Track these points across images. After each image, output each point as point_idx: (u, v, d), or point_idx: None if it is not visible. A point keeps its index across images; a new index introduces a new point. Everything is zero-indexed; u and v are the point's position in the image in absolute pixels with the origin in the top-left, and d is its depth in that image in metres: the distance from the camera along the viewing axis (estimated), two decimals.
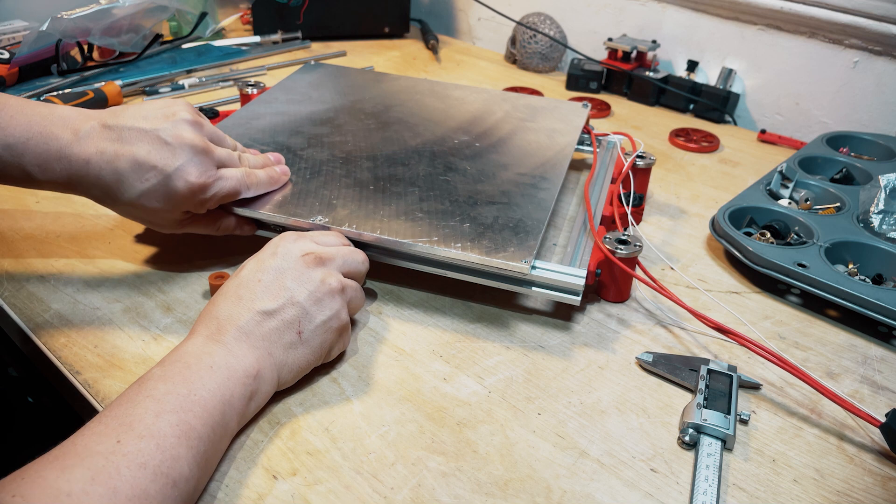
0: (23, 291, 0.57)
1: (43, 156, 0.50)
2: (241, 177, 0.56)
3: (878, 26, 0.89)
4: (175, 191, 0.52)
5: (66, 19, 0.97)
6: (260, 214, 0.57)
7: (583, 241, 0.60)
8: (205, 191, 0.53)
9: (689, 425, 0.46)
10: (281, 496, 0.41)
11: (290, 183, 0.61)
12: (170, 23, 1.19)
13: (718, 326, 0.53)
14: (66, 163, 0.51)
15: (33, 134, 0.50)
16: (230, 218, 0.58)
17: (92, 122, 0.52)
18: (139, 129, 0.51)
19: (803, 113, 1.00)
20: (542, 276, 0.54)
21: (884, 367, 0.55)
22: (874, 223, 0.67)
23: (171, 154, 0.51)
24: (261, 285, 0.47)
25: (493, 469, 0.44)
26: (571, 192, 0.78)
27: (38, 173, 0.51)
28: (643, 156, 0.71)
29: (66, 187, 0.53)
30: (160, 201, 0.52)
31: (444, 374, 0.51)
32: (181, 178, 0.51)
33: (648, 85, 1.05)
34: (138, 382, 0.41)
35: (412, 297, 0.60)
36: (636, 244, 0.57)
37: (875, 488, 0.45)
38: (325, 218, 0.56)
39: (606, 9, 1.16)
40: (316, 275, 0.48)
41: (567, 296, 0.54)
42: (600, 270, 0.57)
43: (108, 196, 0.52)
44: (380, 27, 1.29)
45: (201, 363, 0.42)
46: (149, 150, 0.51)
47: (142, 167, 0.51)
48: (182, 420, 0.39)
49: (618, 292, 0.60)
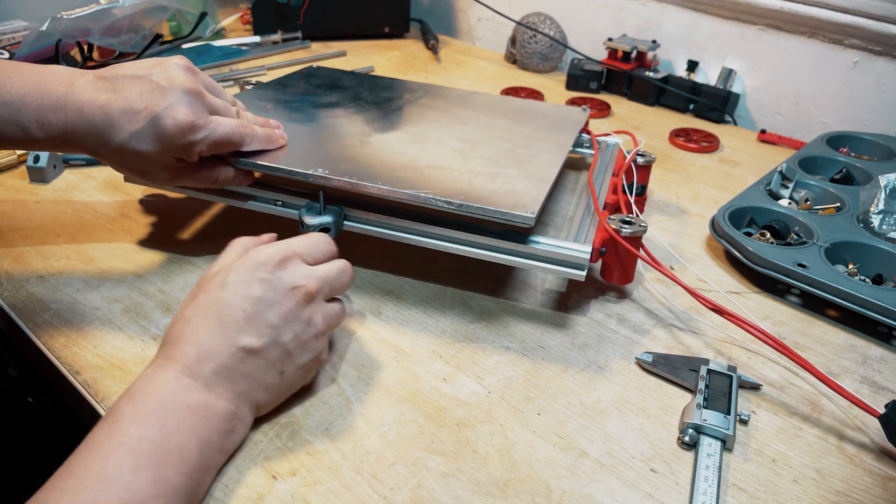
0: (23, 291, 0.57)
1: (39, 110, 0.51)
2: (236, 125, 0.55)
3: (878, 26, 0.89)
4: (164, 130, 0.51)
5: (66, 19, 0.97)
6: (260, 165, 0.56)
7: (587, 221, 0.59)
8: (194, 131, 0.52)
9: (689, 425, 0.46)
10: (280, 496, 0.41)
11: (287, 147, 0.60)
12: (170, 23, 1.19)
13: (717, 308, 0.52)
14: (62, 114, 0.51)
15: (29, 90, 0.50)
16: (228, 169, 0.57)
17: (87, 76, 0.52)
18: (132, 75, 0.52)
19: (803, 113, 1.00)
20: (545, 249, 0.53)
21: (884, 367, 0.55)
22: (874, 223, 0.67)
23: (161, 94, 0.51)
24: (244, 315, 0.43)
25: (492, 469, 0.44)
26: (571, 193, 0.78)
27: (35, 129, 0.51)
28: (643, 154, 0.71)
29: (63, 143, 0.52)
30: (149, 143, 0.51)
31: (444, 375, 0.51)
32: (170, 115, 0.50)
33: (648, 85, 1.05)
34: (108, 422, 0.38)
35: (412, 297, 0.60)
36: (640, 224, 0.57)
37: (875, 488, 0.45)
38: (325, 170, 0.56)
39: (606, 9, 1.16)
40: (303, 315, 0.45)
41: (572, 270, 0.53)
42: (605, 249, 0.57)
43: (102, 144, 0.52)
44: (380, 27, 1.29)
45: (177, 401, 0.40)
46: (140, 93, 0.51)
47: (132, 109, 0.51)
48: (159, 477, 0.36)
49: (622, 273, 0.59)
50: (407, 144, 0.63)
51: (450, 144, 0.64)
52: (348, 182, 0.55)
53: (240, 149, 0.56)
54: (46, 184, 0.74)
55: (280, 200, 0.60)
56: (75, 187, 0.73)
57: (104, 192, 0.73)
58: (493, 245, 0.55)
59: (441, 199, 0.53)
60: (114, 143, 0.51)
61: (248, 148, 0.57)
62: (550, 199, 0.75)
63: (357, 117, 0.70)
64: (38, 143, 0.52)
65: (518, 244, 0.54)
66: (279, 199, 0.60)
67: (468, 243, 0.56)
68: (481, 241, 0.55)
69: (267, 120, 0.61)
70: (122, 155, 0.52)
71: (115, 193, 0.72)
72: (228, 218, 0.69)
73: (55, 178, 0.75)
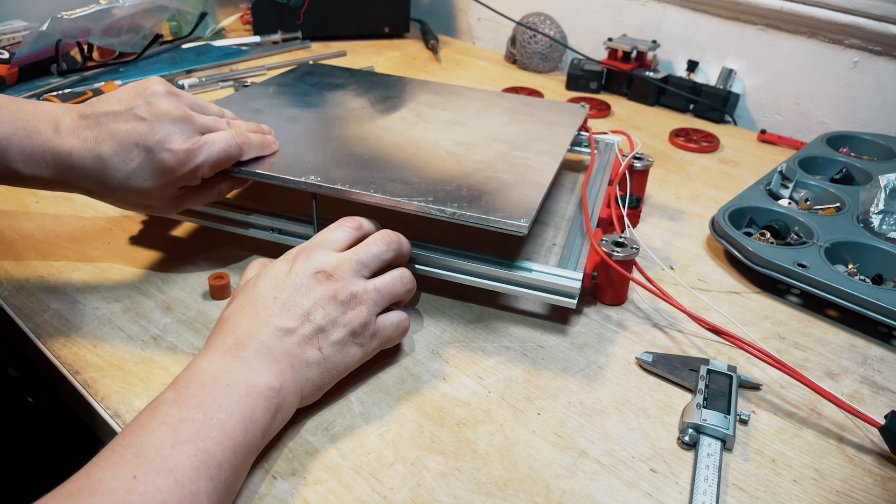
0: (22, 291, 0.57)
1: (27, 150, 0.50)
2: (230, 137, 0.54)
3: (878, 26, 0.89)
4: (162, 164, 0.51)
5: (66, 19, 0.97)
6: (255, 174, 0.56)
7: (579, 243, 0.60)
8: (192, 157, 0.51)
9: (689, 425, 0.46)
10: (280, 496, 0.41)
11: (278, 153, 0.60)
12: (170, 23, 1.19)
13: (715, 328, 0.53)
14: (51, 157, 0.50)
15: (16, 129, 0.50)
16: (227, 181, 0.57)
17: (71, 114, 0.51)
18: (114, 111, 0.51)
19: (803, 113, 1.00)
20: (537, 278, 0.54)
21: (884, 368, 0.55)
22: (874, 223, 0.67)
23: (150, 128, 0.50)
24: (277, 303, 0.45)
25: (492, 469, 0.44)
26: (570, 192, 0.78)
27: (23, 168, 0.51)
28: (640, 157, 0.71)
29: (55, 183, 0.52)
30: (150, 179, 0.51)
31: (444, 374, 0.51)
32: (164, 148, 0.50)
33: (648, 85, 1.05)
34: (151, 407, 0.39)
35: (412, 297, 0.59)
36: (633, 247, 0.57)
37: (875, 489, 0.45)
38: (317, 178, 0.56)
39: (606, 9, 1.16)
40: (327, 291, 0.47)
41: (563, 299, 0.54)
42: (597, 273, 0.57)
43: (99, 185, 0.52)
44: (380, 27, 1.29)
45: (217, 382, 0.40)
46: (127, 130, 0.50)
47: (123, 148, 0.50)
48: (200, 449, 0.37)
49: (614, 295, 0.60)
50: (401, 148, 0.63)
51: (445, 147, 0.64)
52: (340, 189, 0.55)
53: (239, 159, 0.56)
54: None
55: (277, 228, 0.60)
56: None
57: None
58: (484, 273, 0.55)
59: (434, 206, 0.53)
60: (113, 184, 0.51)
61: (247, 157, 0.57)
62: (549, 199, 0.75)
63: (352, 117, 0.70)
64: (26, 181, 0.52)
65: (509, 272, 0.54)
66: (276, 228, 0.60)
67: (458, 270, 0.55)
68: (471, 269, 0.55)
69: (259, 125, 0.61)
70: (124, 193, 0.52)
71: None
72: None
73: None
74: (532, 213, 0.52)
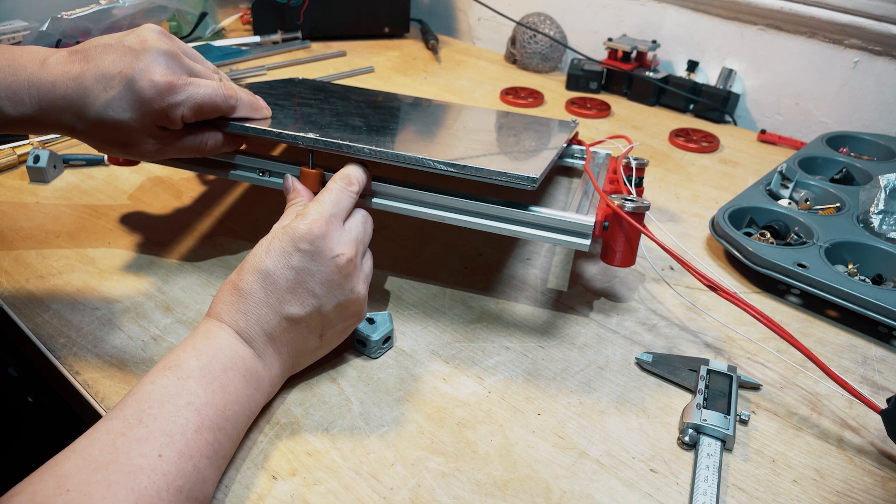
0: (22, 291, 0.57)
1: (12, 87, 0.50)
2: (217, 87, 0.52)
3: (878, 26, 0.89)
4: (140, 93, 0.49)
5: (66, 19, 0.97)
6: (250, 129, 0.54)
7: (587, 201, 0.57)
8: (173, 92, 0.49)
9: (689, 425, 0.46)
10: (280, 496, 0.41)
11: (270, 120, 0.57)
12: (170, 23, 1.19)
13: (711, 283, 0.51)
14: (35, 90, 0.50)
15: (1, 67, 0.50)
16: (216, 134, 0.54)
17: (61, 52, 0.51)
18: (104, 44, 0.50)
19: (803, 113, 1.00)
20: (548, 217, 0.51)
21: (884, 368, 0.55)
22: (874, 223, 0.67)
23: (135, 57, 0.49)
24: (287, 285, 0.45)
25: (492, 469, 0.44)
26: (568, 191, 0.78)
27: (8, 107, 0.50)
28: (635, 158, 0.70)
29: (38, 122, 0.51)
30: (127, 110, 0.49)
31: (444, 375, 0.51)
32: (145, 77, 0.49)
33: (648, 85, 1.05)
34: (175, 374, 0.41)
35: (412, 297, 0.59)
36: (643, 202, 0.55)
37: (875, 489, 0.45)
38: (315, 134, 0.53)
39: (606, 9, 1.16)
40: (346, 283, 0.47)
41: (576, 239, 0.51)
42: (608, 224, 0.55)
43: (78, 119, 0.50)
44: (380, 27, 1.29)
45: (237, 369, 0.43)
46: (113, 59, 0.49)
47: (106, 75, 0.49)
48: (216, 440, 0.40)
49: (626, 251, 0.56)
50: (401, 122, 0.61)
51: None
52: (340, 145, 0.52)
53: (225, 113, 0.54)
54: (46, 184, 0.74)
55: (266, 170, 0.56)
56: (75, 187, 0.73)
57: (104, 193, 0.73)
58: (494, 213, 0.52)
59: (441, 161, 0.50)
60: (90, 114, 0.50)
61: (236, 114, 0.54)
62: (548, 199, 0.75)
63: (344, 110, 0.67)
64: (11, 122, 0.51)
65: (520, 210, 0.52)
66: (265, 169, 0.56)
67: (467, 212, 0.53)
68: (481, 209, 0.52)
69: (250, 92, 0.58)
70: (101, 127, 0.50)
71: (116, 193, 0.72)
72: (230, 219, 0.69)
73: (55, 178, 0.75)
74: (541, 169, 0.50)
